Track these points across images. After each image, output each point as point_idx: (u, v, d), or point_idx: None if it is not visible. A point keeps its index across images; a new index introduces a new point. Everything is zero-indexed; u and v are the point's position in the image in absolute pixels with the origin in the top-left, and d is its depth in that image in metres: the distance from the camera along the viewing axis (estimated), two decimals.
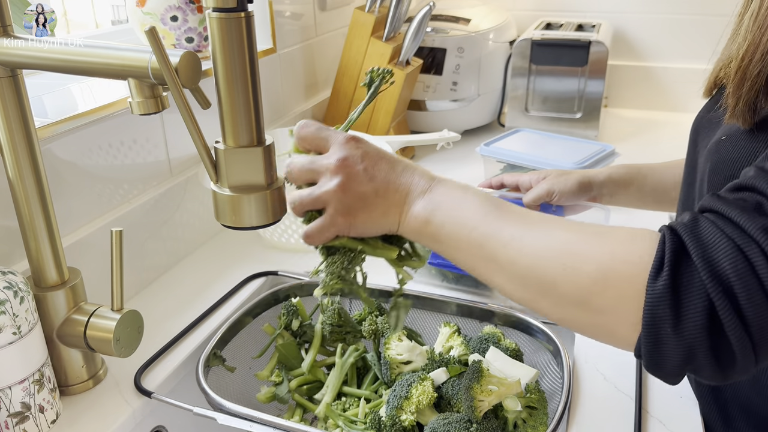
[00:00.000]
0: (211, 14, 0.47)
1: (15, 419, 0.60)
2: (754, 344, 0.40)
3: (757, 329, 0.40)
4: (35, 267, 0.64)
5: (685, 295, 0.40)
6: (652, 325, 0.41)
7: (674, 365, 0.42)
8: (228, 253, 0.98)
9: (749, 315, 0.39)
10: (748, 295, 0.39)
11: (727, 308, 0.39)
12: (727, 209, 0.42)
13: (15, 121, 0.59)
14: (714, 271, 0.40)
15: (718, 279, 0.40)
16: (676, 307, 0.41)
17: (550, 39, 1.41)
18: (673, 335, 0.41)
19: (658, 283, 0.41)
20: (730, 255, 0.40)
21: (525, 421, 0.65)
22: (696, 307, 0.40)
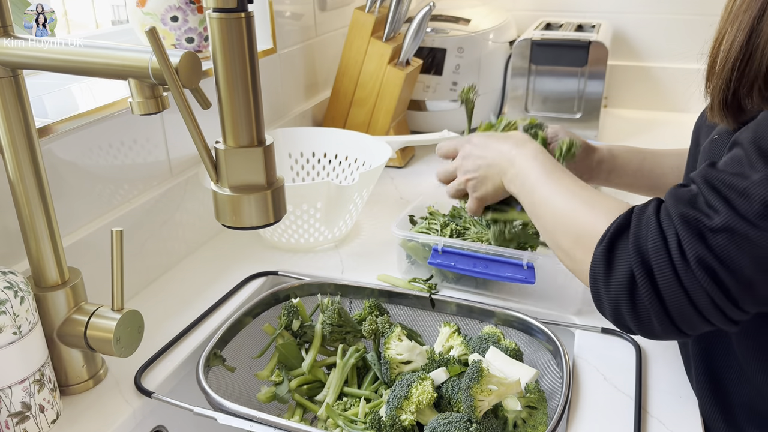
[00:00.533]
0: (211, 14, 0.47)
1: (15, 419, 0.60)
2: (667, 312, 0.49)
3: (669, 300, 0.49)
4: (36, 267, 0.64)
5: (615, 261, 0.52)
6: (592, 278, 0.55)
7: (608, 314, 0.54)
8: (228, 253, 0.98)
9: (661, 285, 0.49)
10: (660, 269, 0.49)
11: (642, 276, 0.50)
12: (669, 198, 0.52)
13: (15, 121, 0.60)
14: (638, 245, 0.51)
15: (640, 252, 0.51)
16: (608, 268, 0.53)
17: (550, 39, 1.41)
18: (605, 290, 0.53)
19: (599, 248, 0.54)
20: (652, 235, 0.50)
21: (525, 420, 0.65)
22: (621, 271, 0.51)
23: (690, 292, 0.48)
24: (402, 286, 0.85)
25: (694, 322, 0.50)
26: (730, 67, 0.52)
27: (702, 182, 0.50)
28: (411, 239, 0.86)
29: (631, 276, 0.50)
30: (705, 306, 0.48)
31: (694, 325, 0.50)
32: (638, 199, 0.97)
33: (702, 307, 0.48)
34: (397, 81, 1.27)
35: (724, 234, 0.46)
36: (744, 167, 0.47)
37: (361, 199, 0.97)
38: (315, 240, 0.97)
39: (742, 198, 0.45)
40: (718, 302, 0.47)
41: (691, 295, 0.48)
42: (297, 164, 1.12)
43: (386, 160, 0.98)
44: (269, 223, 0.54)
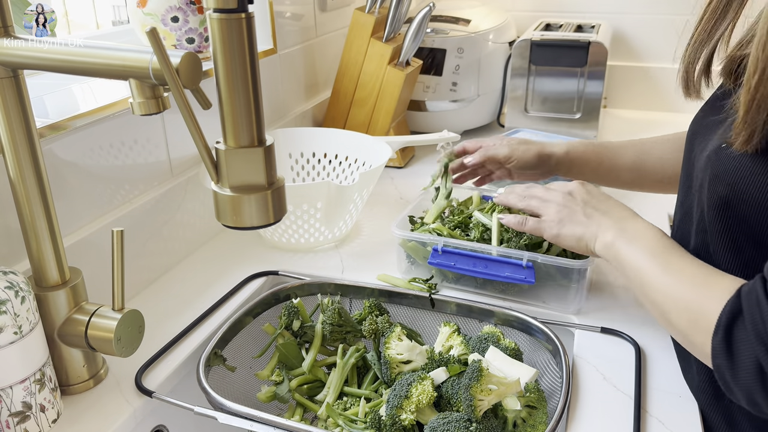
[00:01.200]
0: (211, 15, 0.47)
1: (16, 419, 0.60)
2: None
3: None
4: (36, 267, 0.64)
5: (737, 352, 0.49)
6: (717, 369, 0.52)
7: (744, 401, 0.51)
8: (228, 253, 0.99)
9: None
10: None
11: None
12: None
13: (16, 121, 0.60)
14: (758, 334, 0.48)
15: (763, 342, 0.47)
16: (730, 359, 0.50)
17: (550, 39, 1.41)
18: (733, 381, 0.50)
19: (716, 338, 0.51)
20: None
21: (524, 420, 0.65)
22: (747, 362, 0.49)
23: None
24: (402, 286, 0.85)
25: None
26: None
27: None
28: (411, 239, 0.86)
29: (759, 367, 0.48)
30: None
31: None
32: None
33: None
34: (397, 81, 1.27)
35: None
36: None
37: (361, 199, 0.97)
38: (315, 240, 0.97)
39: None
40: None
41: None
42: (297, 164, 1.13)
43: (386, 160, 0.98)
44: (269, 223, 0.54)
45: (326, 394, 0.74)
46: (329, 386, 0.75)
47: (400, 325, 0.77)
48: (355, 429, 0.68)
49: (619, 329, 0.76)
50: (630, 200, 0.91)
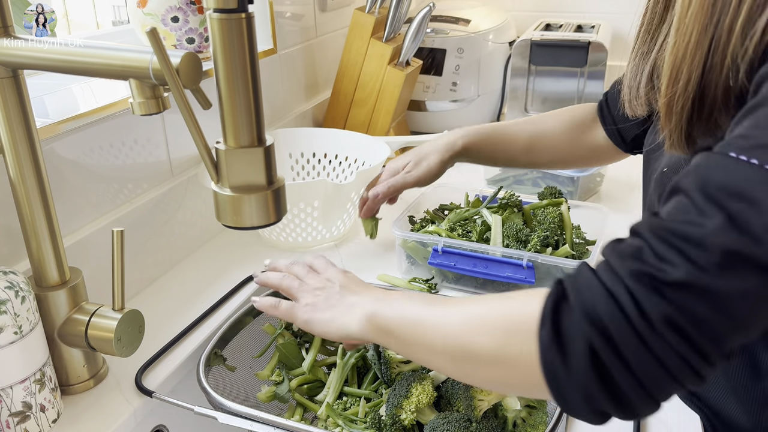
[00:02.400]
0: (211, 15, 0.47)
1: (16, 418, 0.60)
2: (641, 383, 0.42)
3: (639, 369, 0.41)
4: (36, 267, 0.64)
5: (567, 340, 0.43)
6: (547, 372, 0.44)
7: (580, 405, 0.44)
8: (229, 252, 0.99)
9: (627, 355, 0.41)
10: (621, 337, 0.41)
11: (605, 348, 0.42)
12: (610, 255, 0.45)
13: (16, 121, 0.60)
14: (588, 315, 0.42)
15: (593, 322, 0.42)
16: (561, 351, 0.43)
17: (550, 40, 1.41)
18: (567, 379, 0.43)
19: (543, 332, 0.44)
20: (600, 299, 0.42)
21: (524, 420, 0.65)
22: (579, 350, 0.42)
23: (659, 354, 0.41)
24: (402, 286, 0.85)
25: (666, 387, 0.43)
26: (689, 106, 0.49)
27: (648, 234, 0.44)
28: (411, 239, 0.87)
29: (591, 351, 0.42)
30: (677, 368, 0.42)
31: (666, 390, 0.43)
32: None
33: (674, 370, 0.42)
34: (397, 81, 1.27)
35: (685, 289, 0.40)
36: (693, 215, 0.42)
37: (359, 199, 0.97)
38: (313, 239, 0.97)
39: (699, 249, 0.40)
40: (691, 362, 0.41)
41: (661, 359, 0.41)
42: (297, 164, 1.13)
43: (384, 159, 0.98)
44: (270, 222, 0.55)
45: (326, 394, 0.74)
46: (329, 386, 0.75)
47: None
48: (355, 429, 0.68)
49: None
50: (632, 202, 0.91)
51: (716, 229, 0.40)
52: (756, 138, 0.40)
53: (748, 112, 0.42)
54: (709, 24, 0.47)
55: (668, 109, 0.51)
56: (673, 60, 0.50)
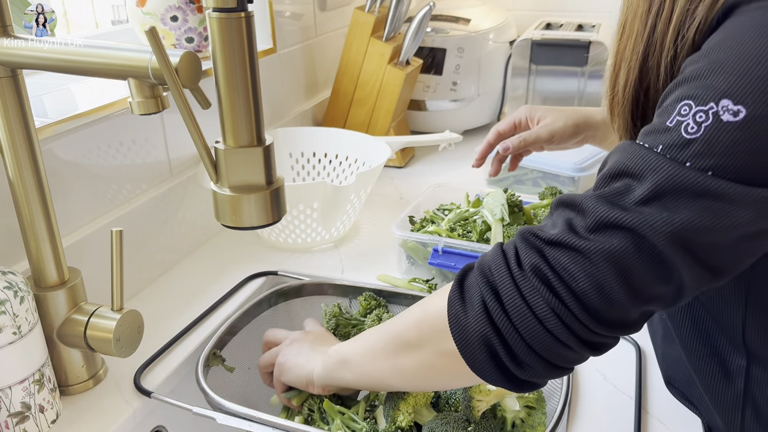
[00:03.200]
0: (211, 14, 0.47)
1: (15, 419, 0.60)
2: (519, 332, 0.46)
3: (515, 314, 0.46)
4: (35, 267, 0.64)
5: (467, 292, 0.50)
6: (453, 321, 0.50)
7: (484, 361, 0.48)
8: (228, 253, 0.98)
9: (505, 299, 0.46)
10: (500, 282, 0.47)
11: (489, 293, 0.47)
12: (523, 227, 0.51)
13: (15, 121, 0.60)
14: (482, 268, 0.49)
15: (483, 272, 0.49)
16: (463, 302, 0.49)
17: (550, 39, 1.41)
18: (467, 326, 0.49)
19: (452, 292, 0.51)
20: (494, 255, 0.49)
21: (523, 420, 0.65)
22: (474, 298, 0.48)
23: (528, 299, 0.45)
24: (402, 286, 0.85)
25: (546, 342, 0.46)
26: (629, 107, 0.52)
27: (553, 207, 0.49)
28: (411, 239, 0.86)
29: (482, 298, 0.48)
30: (548, 318, 0.45)
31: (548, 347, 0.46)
32: None
33: (545, 320, 0.45)
34: (397, 81, 1.27)
35: (557, 247, 0.45)
36: (589, 189, 0.47)
37: (358, 200, 0.97)
38: (312, 240, 0.97)
39: (578, 214, 0.45)
40: (559, 313, 0.44)
41: (530, 304, 0.45)
42: (297, 164, 1.12)
43: (384, 161, 0.98)
44: (269, 223, 0.54)
45: None
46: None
47: None
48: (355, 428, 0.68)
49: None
50: None
51: (596, 197, 0.45)
52: (653, 125, 0.45)
53: (660, 104, 0.46)
54: (644, 30, 0.50)
55: (611, 109, 0.55)
56: (613, 63, 0.54)
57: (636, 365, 0.70)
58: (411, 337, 0.55)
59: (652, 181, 0.42)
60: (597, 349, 0.48)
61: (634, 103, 0.52)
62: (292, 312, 0.87)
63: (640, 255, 0.43)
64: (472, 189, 1.00)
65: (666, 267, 0.43)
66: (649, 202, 0.42)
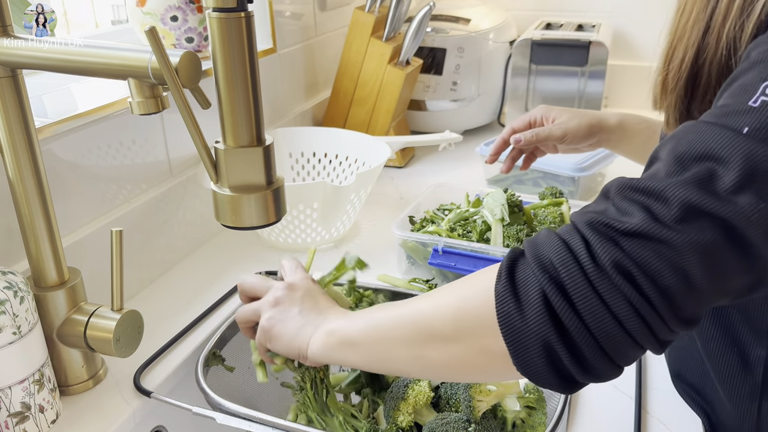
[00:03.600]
0: (211, 14, 0.47)
1: (15, 419, 0.60)
2: (591, 332, 0.41)
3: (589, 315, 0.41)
4: (35, 267, 0.64)
5: (521, 286, 0.44)
6: (504, 322, 0.44)
7: (538, 359, 0.43)
8: (228, 253, 0.98)
9: (577, 300, 0.41)
10: (571, 280, 0.41)
11: (556, 294, 0.42)
12: (573, 215, 0.45)
13: (15, 121, 0.59)
14: (540, 261, 0.43)
15: (544, 267, 0.43)
16: (517, 297, 0.43)
17: (550, 39, 1.41)
18: (522, 326, 0.43)
19: (499, 285, 0.45)
20: (554, 246, 0.43)
21: (524, 421, 0.65)
22: (532, 294, 0.43)
23: (608, 299, 0.41)
24: (402, 286, 0.85)
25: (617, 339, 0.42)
26: (683, 84, 0.51)
27: (614, 193, 0.44)
28: (411, 239, 0.86)
29: (544, 297, 0.42)
30: (629, 318, 0.41)
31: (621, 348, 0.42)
32: None
33: (625, 320, 0.41)
34: (397, 81, 1.27)
35: (639, 239, 0.41)
36: (661, 174, 0.43)
37: (358, 200, 0.97)
38: (312, 240, 0.97)
39: (658, 201, 0.41)
40: (642, 313, 0.41)
41: (609, 304, 0.41)
42: (297, 164, 1.12)
43: (384, 161, 0.98)
44: (269, 222, 0.54)
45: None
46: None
47: None
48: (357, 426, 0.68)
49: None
50: None
51: (679, 183, 0.41)
52: (729, 106, 0.42)
53: (728, 85, 0.44)
54: (706, 4, 0.48)
55: (663, 87, 0.53)
56: (671, 39, 0.52)
57: (636, 365, 0.70)
58: (445, 330, 0.49)
59: (742, 166, 0.39)
60: (663, 347, 0.44)
61: (689, 81, 0.50)
62: None
63: (731, 246, 0.40)
64: (472, 189, 1.00)
65: (752, 258, 0.40)
66: (741, 190, 0.39)
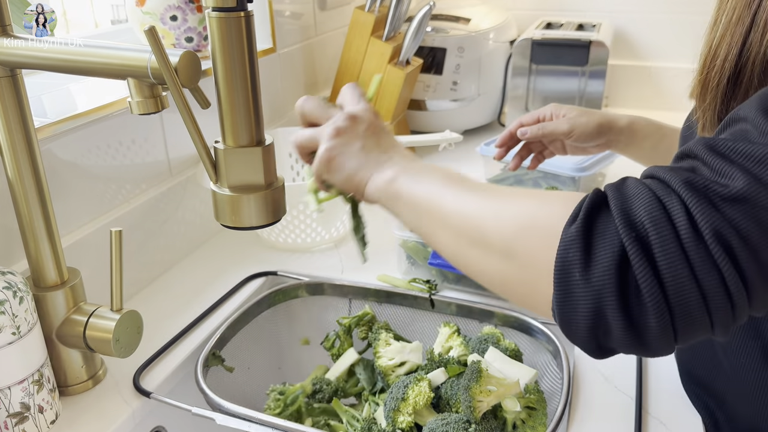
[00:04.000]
0: (210, 14, 0.47)
1: (14, 419, 0.60)
2: (667, 300, 0.37)
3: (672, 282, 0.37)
4: (34, 267, 0.64)
5: (598, 239, 0.39)
6: (562, 270, 0.40)
7: (583, 319, 0.39)
8: (227, 253, 0.98)
9: (662, 265, 0.37)
10: (662, 243, 0.37)
11: (639, 254, 0.37)
12: (659, 170, 0.41)
13: (14, 121, 0.59)
14: (629, 217, 0.39)
15: (632, 225, 0.38)
16: (587, 250, 0.39)
17: (551, 39, 1.41)
18: (582, 281, 0.39)
19: (572, 227, 0.40)
20: (647, 203, 0.39)
21: (524, 421, 0.65)
22: (606, 251, 0.38)
23: (699, 269, 0.37)
24: (402, 286, 0.85)
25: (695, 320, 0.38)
26: (725, 83, 0.50)
27: (704, 151, 0.40)
28: (411, 239, 0.86)
29: (622, 256, 0.38)
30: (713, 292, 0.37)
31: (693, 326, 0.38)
32: None
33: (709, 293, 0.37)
34: (397, 80, 1.26)
35: (744, 205, 0.37)
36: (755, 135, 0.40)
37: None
38: (312, 240, 0.97)
39: (761, 165, 0.37)
40: (730, 287, 0.37)
41: (699, 275, 0.37)
42: (297, 164, 1.12)
43: None
44: (269, 223, 0.54)
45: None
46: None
47: (384, 329, 0.76)
48: (357, 427, 0.68)
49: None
50: None
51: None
52: None
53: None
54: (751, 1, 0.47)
55: (703, 86, 0.51)
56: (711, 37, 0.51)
57: (636, 365, 0.70)
58: (496, 244, 0.45)
59: None
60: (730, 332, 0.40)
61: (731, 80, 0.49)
62: (291, 312, 0.87)
63: None
64: None
65: None
66: None
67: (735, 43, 0.49)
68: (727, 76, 0.50)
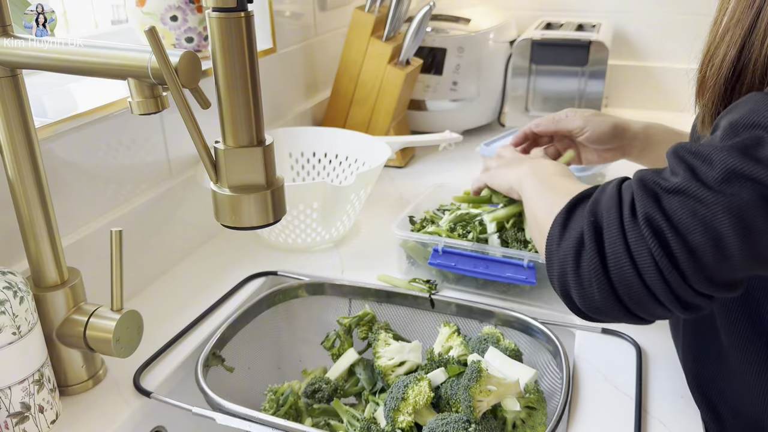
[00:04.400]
0: (210, 14, 0.47)
1: (15, 419, 0.60)
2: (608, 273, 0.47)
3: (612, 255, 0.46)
4: (35, 267, 0.64)
5: (572, 222, 0.52)
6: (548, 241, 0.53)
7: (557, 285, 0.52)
8: (228, 253, 0.98)
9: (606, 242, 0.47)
10: (608, 226, 0.47)
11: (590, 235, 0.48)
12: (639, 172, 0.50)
13: (15, 121, 0.59)
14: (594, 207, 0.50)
15: (594, 212, 0.50)
16: (562, 230, 0.52)
17: (551, 39, 1.41)
18: (555, 252, 0.52)
19: (559, 214, 0.53)
20: (610, 197, 0.49)
21: (524, 421, 0.65)
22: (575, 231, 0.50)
23: (632, 248, 0.45)
24: (402, 286, 0.85)
25: (638, 294, 0.46)
26: (722, 82, 0.51)
27: (670, 154, 0.48)
28: (411, 239, 0.86)
29: (581, 235, 0.49)
30: (648, 271, 0.44)
31: (638, 299, 0.46)
32: None
33: (644, 272, 0.45)
34: (397, 81, 1.26)
35: (678, 196, 0.44)
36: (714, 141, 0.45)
37: (358, 200, 0.97)
38: (312, 240, 0.97)
39: (704, 163, 0.44)
40: (662, 267, 0.44)
41: (633, 253, 0.45)
42: (297, 164, 1.12)
43: (384, 161, 0.98)
44: (269, 223, 0.54)
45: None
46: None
47: (384, 329, 0.76)
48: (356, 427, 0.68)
49: (620, 330, 0.76)
50: None
51: (725, 147, 0.43)
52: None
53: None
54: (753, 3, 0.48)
55: (702, 85, 0.54)
56: (712, 37, 0.52)
57: (636, 365, 0.70)
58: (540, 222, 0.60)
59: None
60: (689, 310, 0.47)
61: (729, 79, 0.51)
62: (292, 312, 0.87)
63: (766, 210, 0.41)
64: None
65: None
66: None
67: (734, 44, 0.50)
68: (725, 77, 0.51)
